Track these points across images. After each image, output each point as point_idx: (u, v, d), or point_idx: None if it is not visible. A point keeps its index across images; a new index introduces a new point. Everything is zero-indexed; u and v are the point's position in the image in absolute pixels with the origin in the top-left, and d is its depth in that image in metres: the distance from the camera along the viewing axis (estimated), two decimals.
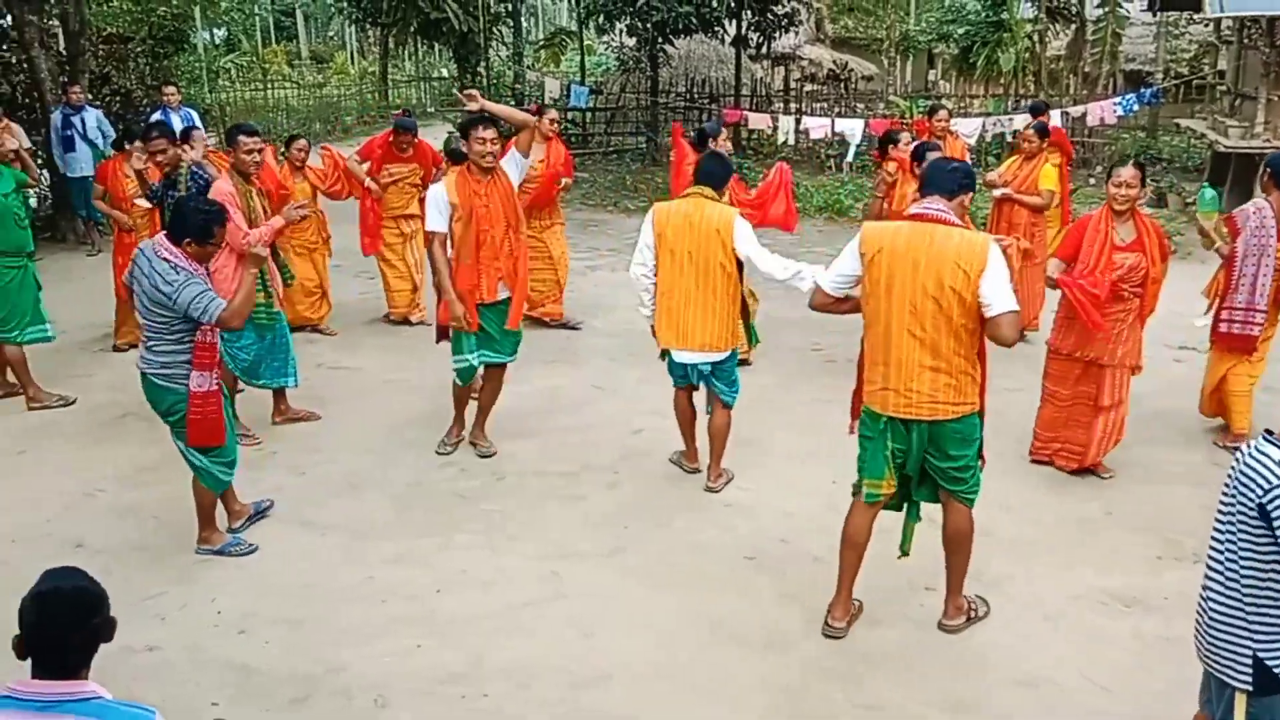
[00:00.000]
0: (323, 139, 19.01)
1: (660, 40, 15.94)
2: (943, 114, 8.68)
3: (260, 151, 5.79)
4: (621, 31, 17.27)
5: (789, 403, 6.60)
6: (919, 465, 3.93)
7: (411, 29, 17.38)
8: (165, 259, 4.33)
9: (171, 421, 4.58)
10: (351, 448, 5.97)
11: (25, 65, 12.08)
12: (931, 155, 5.56)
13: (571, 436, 6.06)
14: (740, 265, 5.04)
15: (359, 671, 3.88)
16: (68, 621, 2.25)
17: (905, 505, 4.16)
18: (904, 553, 4.22)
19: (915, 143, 7.00)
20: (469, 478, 5.57)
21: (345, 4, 24.63)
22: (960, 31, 20.30)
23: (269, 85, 25.77)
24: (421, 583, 4.52)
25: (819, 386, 6.76)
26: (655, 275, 5.11)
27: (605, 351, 7.55)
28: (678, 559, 4.72)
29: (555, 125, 8.20)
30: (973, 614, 4.18)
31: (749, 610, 4.29)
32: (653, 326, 5.24)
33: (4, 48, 13.09)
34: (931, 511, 4.15)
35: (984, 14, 19.54)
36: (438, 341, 5.88)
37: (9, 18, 12.50)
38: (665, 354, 5.25)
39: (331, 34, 46.33)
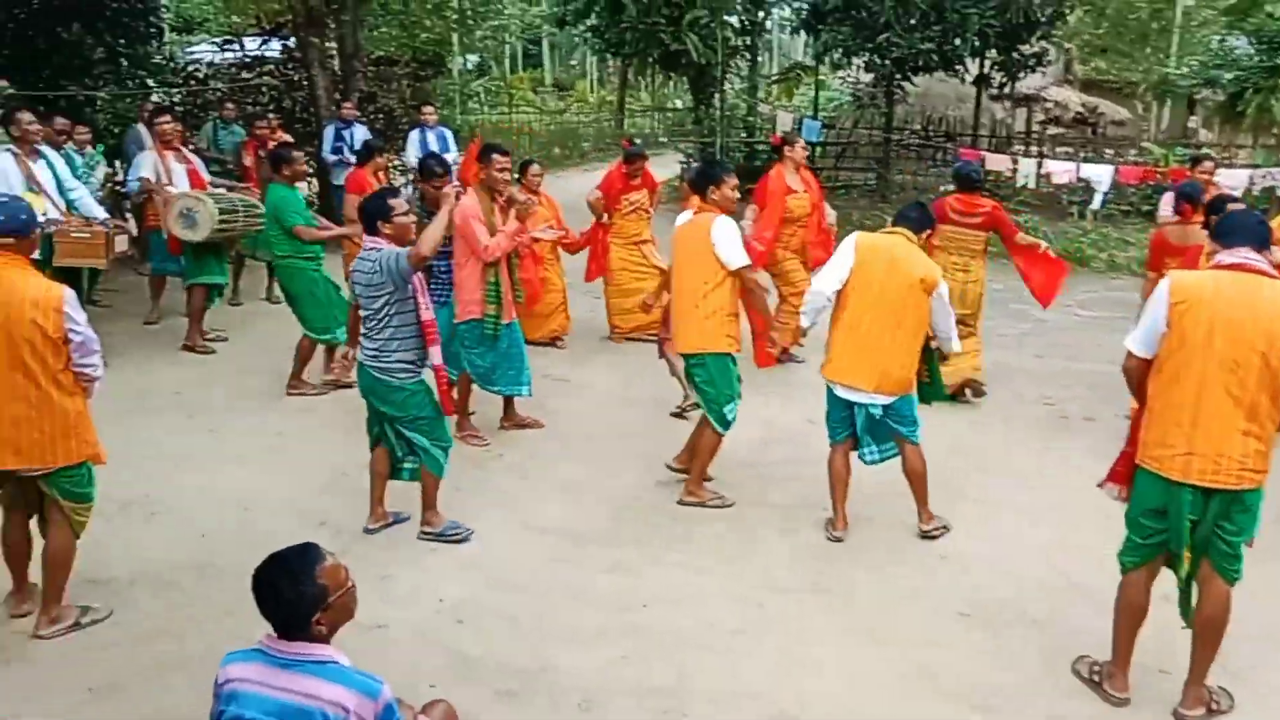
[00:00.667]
0: (561, 164, 19.86)
1: (898, 77, 15.71)
2: (1208, 165, 8.13)
3: (507, 170, 6.17)
4: (858, 67, 17.14)
5: (1016, 456, 6.33)
6: (1203, 538, 3.64)
7: (651, 60, 17.88)
8: (370, 247, 4.78)
9: (393, 411, 4.91)
10: (573, 457, 6.20)
11: (305, 83, 13.32)
12: (1232, 206, 5.20)
13: (788, 469, 6.04)
14: None
15: (568, 673, 4.01)
16: (283, 586, 2.46)
17: (1179, 570, 3.81)
18: (1188, 624, 3.88)
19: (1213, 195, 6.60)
20: (669, 491, 5.66)
21: (589, 35, 25.70)
22: (1229, 77, 18.87)
23: (514, 109, 27.21)
24: (632, 594, 4.63)
25: (1050, 441, 6.44)
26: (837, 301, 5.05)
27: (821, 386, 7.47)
28: (886, 604, 4.61)
29: (805, 151, 8.19)
30: (1214, 706, 3.85)
31: (959, 666, 4.13)
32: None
33: (289, 67, 14.50)
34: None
35: (1258, 58, 18.09)
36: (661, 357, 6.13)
37: (293, 40, 13.84)
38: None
39: (574, 63, 48.36)
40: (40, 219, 5.08)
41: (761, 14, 18.21)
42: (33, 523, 4.27)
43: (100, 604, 4.34)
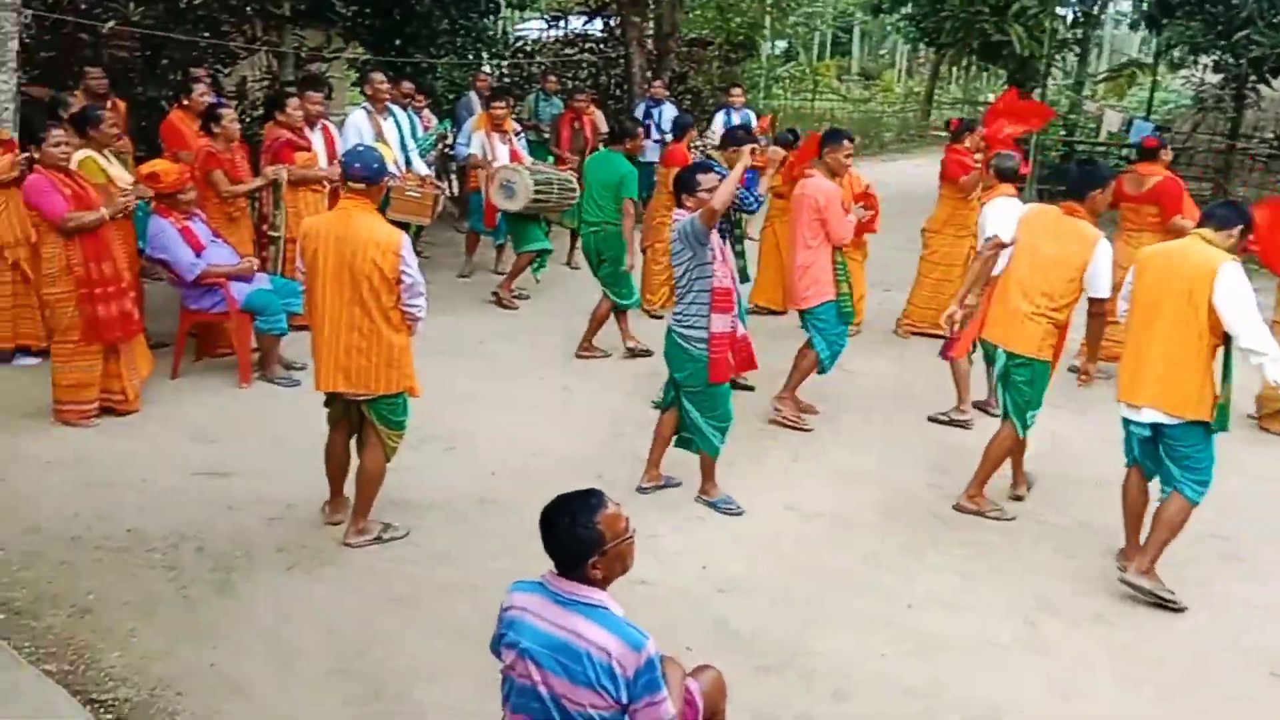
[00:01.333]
0: (860, 152, 19.47)
1: (1253, 78, 14.11)
2: None
3: (850, 155, 6.19)
4: (1205, 67, 15.55)
5: None
6: None
7: (969, 51, 17.15)
8: (675, 219, 4.94)
9: (681, 379, 5.03)
10: (846, 445, 6.11)
11: (622, 61, 13.85)
12: None
13: (1070, 489, 5.64)
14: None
15: (825, 658, 3.97)
16: (564, 525, 2.56)
17: None
18: None
19: None
20: (949, 499, 5.42)
21: (904, 23, 24.94)
22: None
23: (817, 96, 26.96)
24: (898, 590, 4.51)
25: None
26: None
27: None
28: (1172, 647, 4.20)
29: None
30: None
31: None
32: None
33: (608, 45, 15.12)
34: None
35: None
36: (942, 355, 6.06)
37: (615, 19, 14.40)
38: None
39: (883, 52, 47.21)
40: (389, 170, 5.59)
41: (1097, 7, 16.93)
42: (352, 442, 4.74)
43: (399, 524, 4.77)
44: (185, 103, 7.55)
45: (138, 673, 3.63)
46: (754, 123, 11.54)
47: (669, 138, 11.24)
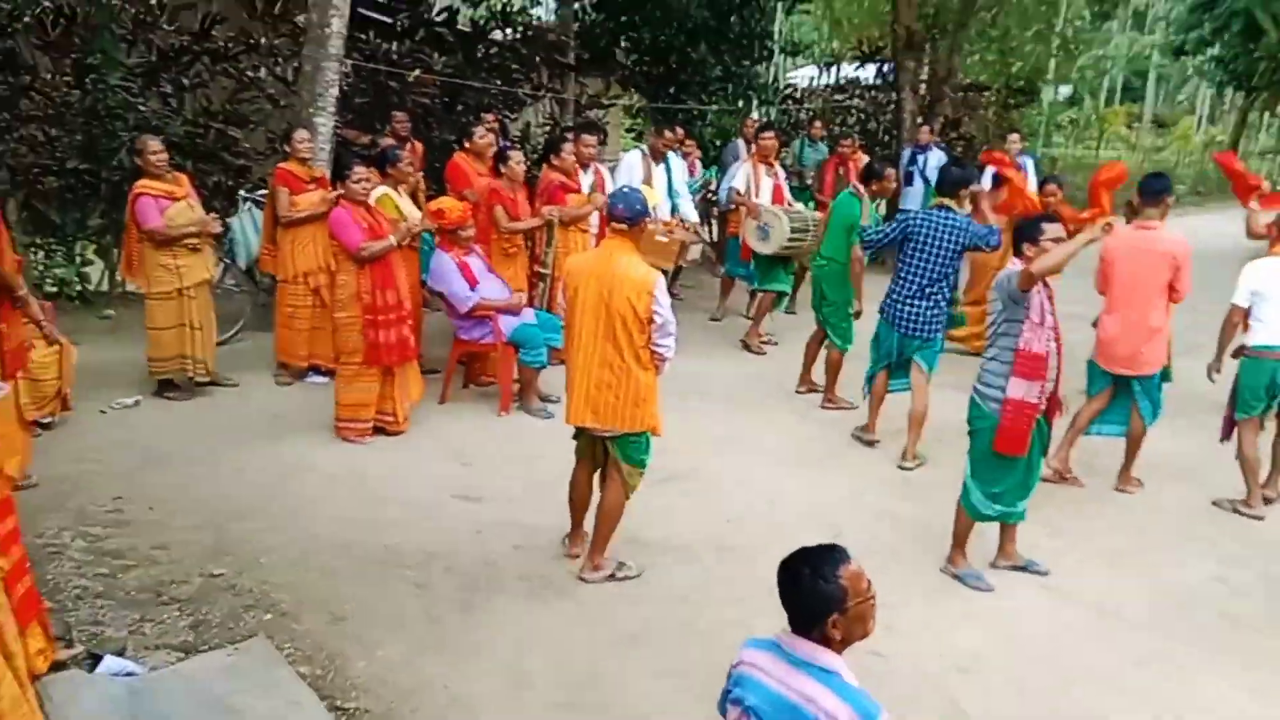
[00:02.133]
0: None
1: None
2: None
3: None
4: None
5: None
6: None
7: None
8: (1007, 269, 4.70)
9: (969, 431, 4.77)
10: (1116, 525, 5.54)
11: (892, 106, 13.51)
12: None
13: None
14: None
15: None
16: (805, 577, 2.42)
17: None
18: None
19: None
20: (1240, 598, 4.78)
21: (1210, 66, 22.87)
22: None
23: (1102, 144, 25.20)
24: (1169, 698, 3.98)
25: None
26: None
27: None
28: None
29: None
30: None
31: None
32: None
33: (879, 90, 14.80)
34: None
35: None
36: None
37: (888, 65, 14.10)
38: None
39: (1181, 99, 43.59)
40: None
41: None
42: (596, 477, 4.79)
43: (633, 563, 4.75)
44: (467, 145, 8.04)
45: (380, 683, 3.79)
46: (1029, 167, 10.89)
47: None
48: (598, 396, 4.44)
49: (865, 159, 10.59)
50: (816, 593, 2.41)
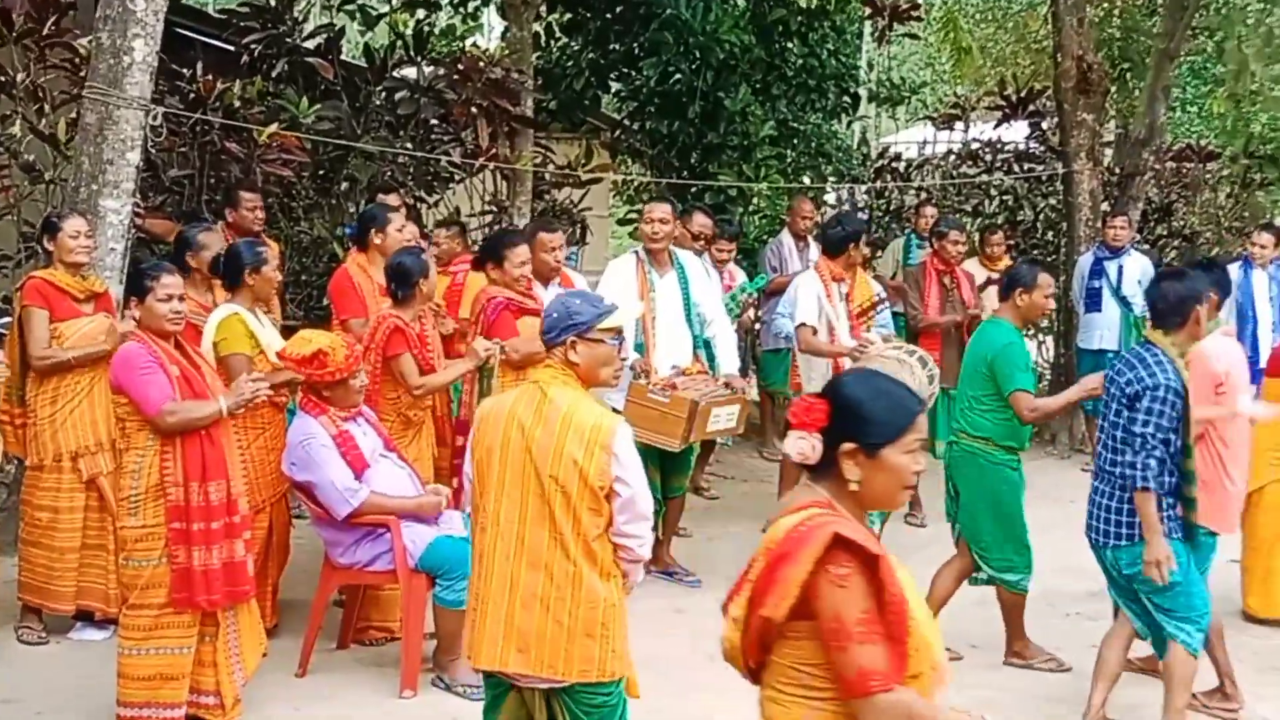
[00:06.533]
0: None
1: None
2: None
3: None
4: None
5: None
6: None
7: None
8: None
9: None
10: None
11: (1062, 183, 13.76)
12: None
13: None
14: None
15: None
16: None
17: None
18: None
19: None
20: None
21: None
22: None
23: None
24: None
25: None
26: None
27: None
28: None
29: None
30: None
31: None
32: None
33: (1034, 159, 15.09)
34: None
35: None
36: None
37: (1049, 121, 14.45)
38: None
39: None
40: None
41: None
42: None
43: None
44: (375, 242, 8.06)
45: None
46: None
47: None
48: (525, 620, 4.49)
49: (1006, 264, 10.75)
50: None
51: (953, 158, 16.23)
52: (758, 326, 10.91)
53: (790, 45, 12.89)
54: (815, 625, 3.02)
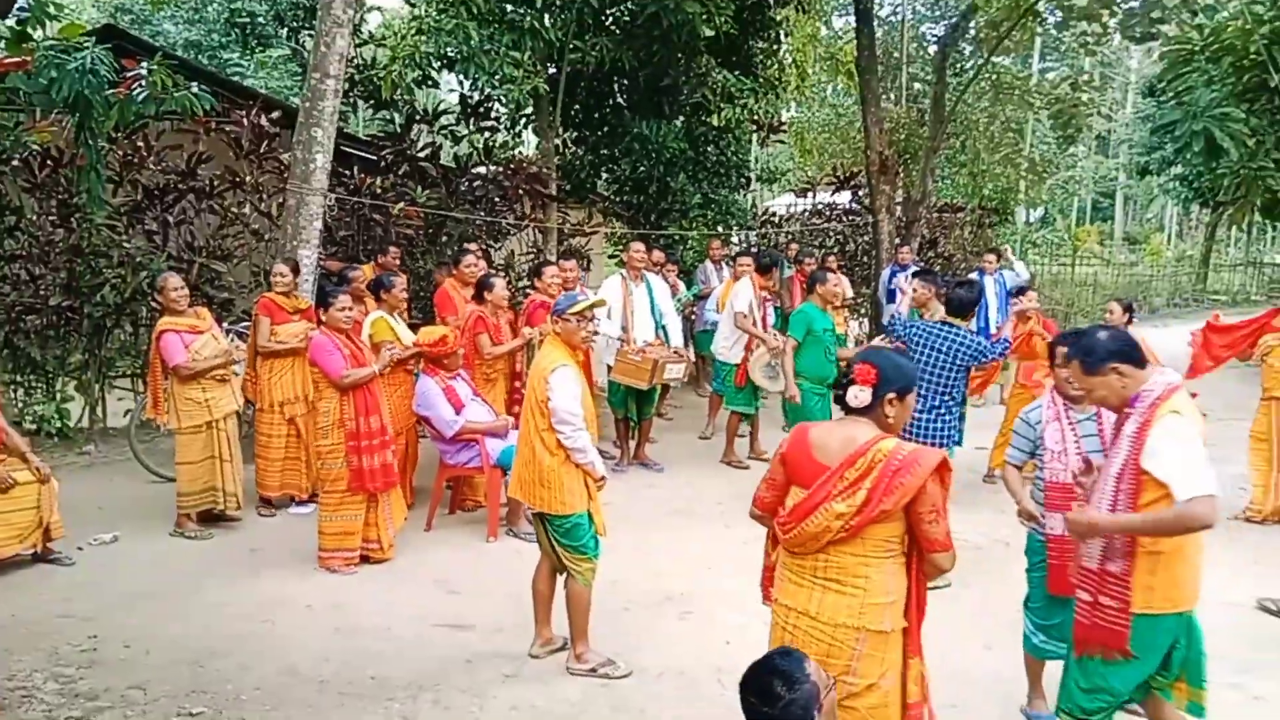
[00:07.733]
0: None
1: None
2: None
3: None
4: None
5: None
6: None
7: (1253, 209, 15.91)
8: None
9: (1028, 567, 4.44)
10: None
11: (870, 228, 13.84)
12: None
13: None
14: None
15: None
16: (778, 688, 2.47)
17: None
18: None
19: None
20: None
21: (1175, 184, 23.64)
22: None
23: (1076, 261, 25.84)
24: None
25: None
26: None
27: None
28: None
29: None
30: None
31: None
32: None
33: (856, 214, 15.20)
34: None
35: None
36: None
37: (864, 190, 14.50)
38: None
39: (1150, 216, 44.94)
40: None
41: None
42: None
43: (623, 663, 4.79)
44: (454, 273, 8.17)
45: None
46: (1014, 282, 11.13)
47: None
48: (520, 471, 4.77)
49: (843, 279, 10.84)
50: (795, 700, 2.41)
51: (806, 214, 16.32)
52: (693, 316, 10.95)
53: (709, 149, 12.89)
54: (910, 510, 2.99)
